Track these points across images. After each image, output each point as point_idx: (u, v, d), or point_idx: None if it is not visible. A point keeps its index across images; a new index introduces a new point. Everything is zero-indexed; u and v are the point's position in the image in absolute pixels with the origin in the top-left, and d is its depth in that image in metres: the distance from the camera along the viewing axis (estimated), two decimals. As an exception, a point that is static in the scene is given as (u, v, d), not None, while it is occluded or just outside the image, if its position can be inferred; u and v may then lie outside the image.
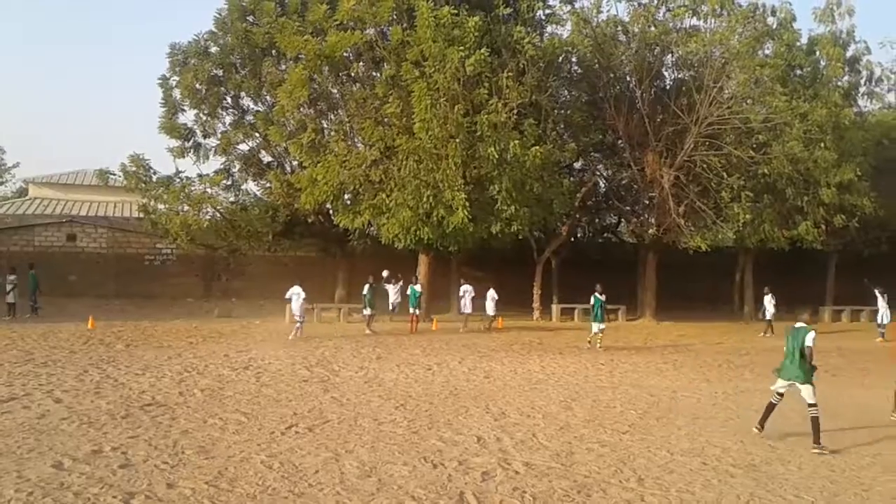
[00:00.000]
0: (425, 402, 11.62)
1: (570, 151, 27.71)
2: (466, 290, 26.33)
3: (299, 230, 31.09)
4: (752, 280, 33.96)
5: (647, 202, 31.73)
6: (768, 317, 26.38)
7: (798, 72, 31.27)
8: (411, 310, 24.08)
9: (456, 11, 24.17)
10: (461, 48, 23.58)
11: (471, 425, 10.07)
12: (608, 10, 30.96)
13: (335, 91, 27.29)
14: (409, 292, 24.72)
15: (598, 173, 33.55)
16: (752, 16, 29.25)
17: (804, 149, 27.40)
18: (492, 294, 25.98)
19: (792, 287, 26.04)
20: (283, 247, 32.28)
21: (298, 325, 21.03)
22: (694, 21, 30.01)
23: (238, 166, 30.46)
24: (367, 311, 23.47)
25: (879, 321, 25.92)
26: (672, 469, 8.12)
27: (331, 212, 28.43)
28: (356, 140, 26.94)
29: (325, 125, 27.82)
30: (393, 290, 26.37)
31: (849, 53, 32.71)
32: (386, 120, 25.11)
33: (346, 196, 26.46)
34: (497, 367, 16.15)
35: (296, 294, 21.46)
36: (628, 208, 33.11)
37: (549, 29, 29.39)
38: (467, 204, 23.68)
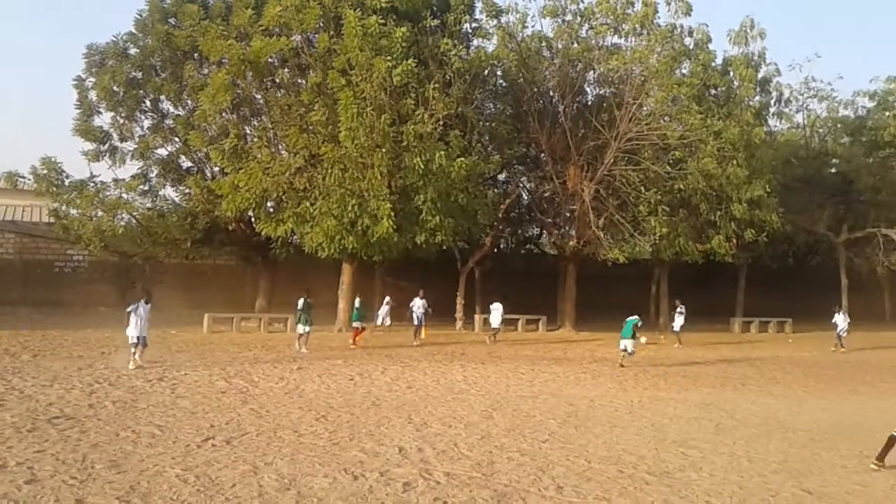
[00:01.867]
0: (347, 413, 11.53)
1: (494, 163, 28.09)
2: (415, 304, 25.78)
3: (219, 238, 30.44)
4: (668, 291, 35.03)
5: (569, 215, 32.38)
6: (676, 329, 27.17)
7: (713, 91, 32.53)
8: (355, 323, 23.57)
9: (383, 21, 24.22)
10: (388, 58, 23.62)
11: (393, 436, 10.05)
12: (533, 26, 31.57)
13: (259, 97, 26.94)
14: (357, 305, 24.13)
15: (521, 185, 34.09)
16: (671, 36, 30.33)
17: (717, 165, 28.48)
18: (497, 306, 26.15)
19: (705, 299, 27.03)
20: (202, 255, 31.51)
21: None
22: (615, 39, 30.95)
23: (156, 171, 29.59)
24: (306, 329, 21.11)
25: (839, 333, 27.59)
26: (590, 477, 8.29)
27: (253, 219, 28.00)
28: (280, 147, 26.64)
29: (249, 131, 27.43)
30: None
31: (760, 75, 34.23)
32: (311, 127, 24.90)
33: (268, 204, 26.13)
34: (420, 376, 16.17)
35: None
36: (550, 220, 33.71)
37: (475, 42, 29.80)
38: (392, 214, 23.67)
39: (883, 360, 23.61)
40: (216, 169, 28.40)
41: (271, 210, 26.22)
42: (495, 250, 35.74)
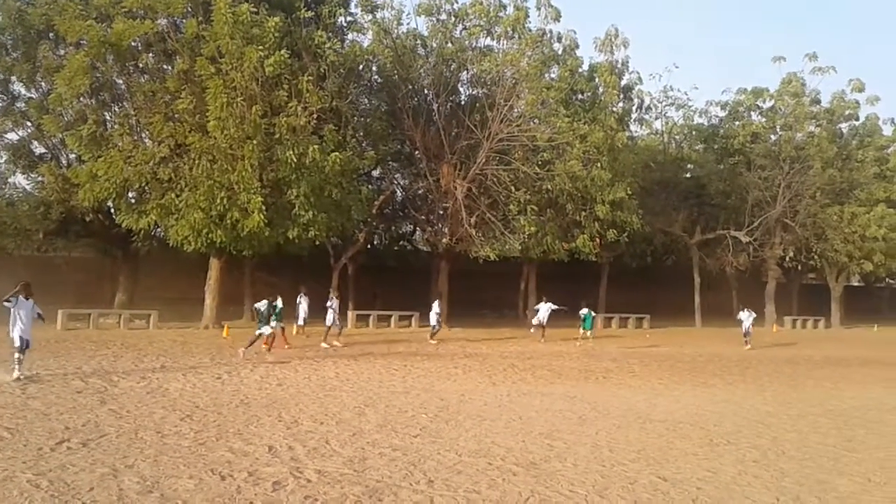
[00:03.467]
0: (213, 413, 11.17)
1: (368, 159, 28.00)
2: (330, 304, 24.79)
3: (75, 229, 28.76)
4: (536, 288, 36.13)
5: (442, 212, 32.77)
6: (539, 322, 27.42)
7: (579, 96, 33.84)
8: (274, 324, 21.76)
9: (255, 10, 23.64)
10: (260, 48, 23.08)
11: (262, 434, 9.83)
12: (408, 23, 31.75)
13: (121, 82, 25.65)
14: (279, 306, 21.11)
15: (395, 182, 34.22)
16: (541, 40, 31.28)
17: (583, 168, 29.66)
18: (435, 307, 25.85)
19: (570, 296, 27.95)
20: (56, 247, 29.68)
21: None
22: (488, 41, 31.61)
23: (5, 157, 27.65)
24: (266, 330, 19.29)
25: (745, 331, 27.93)
26: (460, 470, 8.43)
27: (112, 210, 26.61)
28: (143, 135, 25.47)
29: (109, 117, 26.04)
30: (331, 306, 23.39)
31: (623, 82, 35.92)
32: (177, 116, 23.95)
33: (130, 194, 24.93)
34: (290, 374, 15.90)
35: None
36: (423, 217, 33.98)
37: (350, 36, 29.59)
38: (264, 207, 23.14)
39: (731, 354, 25.31)
40: (72, 156, 26.84)
41: (133, 201, 25.00)
42: (369, 246, 35.69)
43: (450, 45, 31.02)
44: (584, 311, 26.75)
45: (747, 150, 41.45)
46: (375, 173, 33.34)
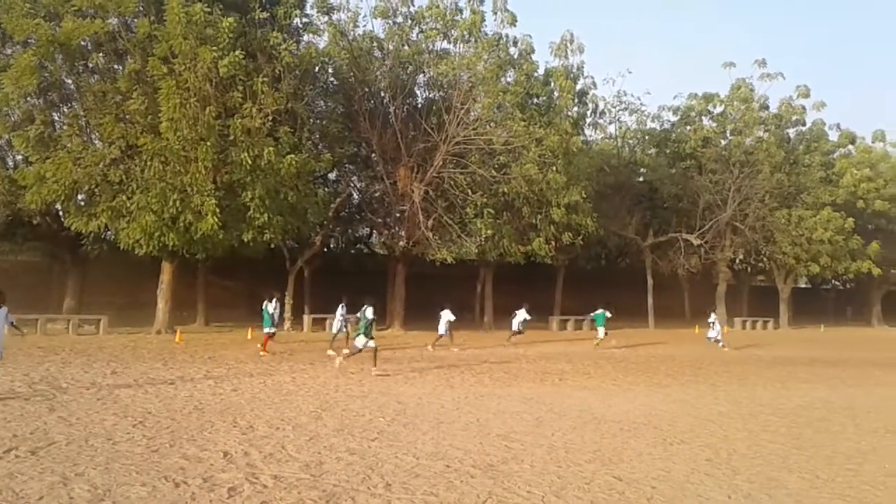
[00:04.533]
0: (167, 419, 10.98)
1: (325, 162, 27.83)
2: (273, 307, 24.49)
3: (22, 232, 28.03)
4: (492, 291, 36.29)
5: (399, 215, 32.75)
6: (519, 329, 26.64)
7: (535, 100, 34.13)
8: (266, 329, 21.03)
9: (209, 10, 23.35)
10: (214, 48, 22.79)
11: (217, 440, 9.69)
12: (364, 25, 31.70)
13: (70, 82, 25.09)
14: (273, 310, 21.28)
15: (352, 185, 34.10)
16: (497, 45, 31.48)
17: (539, 171, 29.91)
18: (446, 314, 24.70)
19: (526, 298, 28.11)
20: (2, 250, 28.90)
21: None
22: (445, 44, 31.70)
23: (-53, 158, 26.77)
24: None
25: (716, 336, 28.02)
26: (418, 473, 8.42)
27: (61, 213, 25.98)
28: (93, 136, 24.96)
29: (57, 118, 25.48)
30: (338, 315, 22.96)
31: (578, 86, 36.35)
32: (129, 117, 23.54)
33: (79, 196, 24.38)
34: (245, 379, 15.70)
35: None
36: (380, 220, 33.92)
37: (306, 38, 29.42)
38: (217, 210, 22.84)
39: (685, 354, 25.74)
40: (19, 157, 26.09)
41: (82, 203, 24.47)
42: (325, 250, 35.48)
43: (406, 47, 31.04)
44: (599, 311, 27.25)
45: (698, 154, 42.26)
46: (332, 176, 33.18)
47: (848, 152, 48.47)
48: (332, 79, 30.92)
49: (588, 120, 39.88)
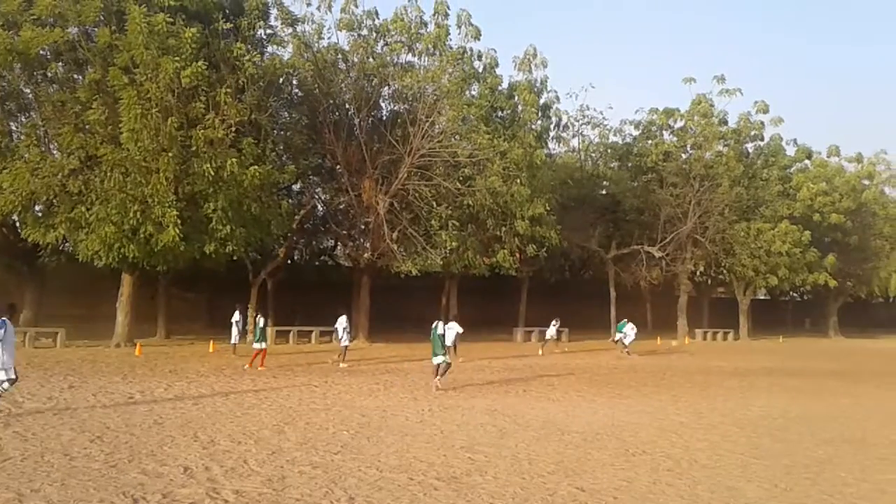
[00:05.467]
0: (125, 434, 10.79)
1: (289, 173, 27.68)
2: (236, 320, 24.45)
3: (-22, 243, 27.37)
4: (457, 303, 36.33)
5: (363, 227, 32.68)
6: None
7: (499, 113, 34.39)
8: (256, 344, 21.23)
9: (172, 20, 23.16)
10: (177, 58, 22.59)
11: (177, 455, 9.55)
12: (329, 38, 31.68)
13: (28, 91, 24.70)
14: (260, 324, 21.64)
15: (316, 197, 33.94)
16: (461, 58, 31.68)
17: (503, 184, 30.09)
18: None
19: (490, 310, 28.26)
20: (-45, 262, 28.19)
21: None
22: (409, 57, 31.78)
23: None
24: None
25: (623, 341, 30.18)
26: (381, 486, 8.38)
27: (18, 224, 25.47)
28: (52, 147, 24.55)
29: (15, 128, 25.03)
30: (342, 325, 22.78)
31: (542, 100, 36.68)
32: (88, 127, 23.20)
33: (37, 207, 23.94)
34: (206, 392, 15.50)
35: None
36: (345, 232, 33.80)
37: (270, 49, 29.26)
38: (179, 221, 22.57)
39: (647, 365, 26.02)
40: (-26, 167, 25.51)
41: (40, 214, 24.01)
42: (289, 261, 35.22)
43: (371, 60, 31.07)
44: (623, 322, 31.02)
45: (660, 167, 42.87)
46: (296, 187, 33.00)
47: (804, 167, 49.63)
48: (296, 90, 30.82)
49: (551, 133, 40.27)
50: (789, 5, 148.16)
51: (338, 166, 31.35)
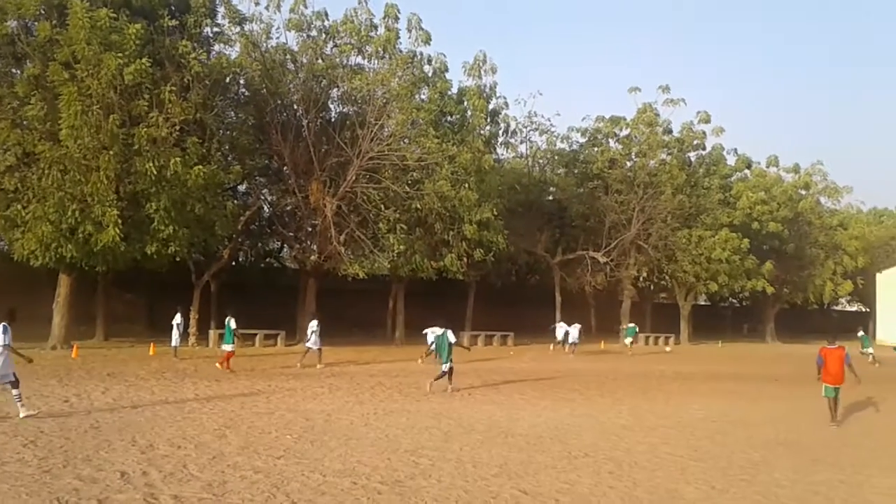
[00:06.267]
0: (60, 438, 10.50)
1: (234, 174, 27.31)
2: (177, 322, 24.02)
3: None
4: (404, 307, 36.29)
5: (310, 229, 32.43)
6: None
7: (449, 118, 34.52)
8: (226, 346, 21.21)
9: (115, 16, 22.68)
10: (120, 55, 22.10)
11: (114, 460, 9.33)
12: (278, 37, 31.32)
13: (-38, 85, 23.81)
14: (231, 326, 21.46)
15: (262, 198, 33.52)
16: (411, 62, 31.68)
17: (451, 188, 30.18)
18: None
19: (437, 313, 28.06)
20: None
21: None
22: (359, 59, 31.68)
23: None
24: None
25: (572, 341, 32.69)
26: (324, 491, 8.33)
27: (-52, 222, 24.55)
28: (-14, 142, 23.70)
29: (-53, 122, 24.06)
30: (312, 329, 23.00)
31: (491, 106, 36.94)
32: (26, 123, 22.53)
33: (-31, 205, 23.10)
34: (146, 396, 15.18)
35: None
36: (292, 234, 33.48)
37: (217, 47, 28.87)
38: (120, 221, 22.08)
39: (590, 370, 26.36)
40: None
41: (-28, 213, 23.20)
42: (233, 263, 34.71)
43: (320, 61, 30.87)
44: (631, 325, 35.88)
45: (605, 175, 43.56)
46: (242, 188, 32.57)
47: (744, 176, 51.09)
48: (243, 90, 30.43)
49: (500, 139, 40.62)
50: (735, 17, 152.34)
51: (285, 167, 31.05)
